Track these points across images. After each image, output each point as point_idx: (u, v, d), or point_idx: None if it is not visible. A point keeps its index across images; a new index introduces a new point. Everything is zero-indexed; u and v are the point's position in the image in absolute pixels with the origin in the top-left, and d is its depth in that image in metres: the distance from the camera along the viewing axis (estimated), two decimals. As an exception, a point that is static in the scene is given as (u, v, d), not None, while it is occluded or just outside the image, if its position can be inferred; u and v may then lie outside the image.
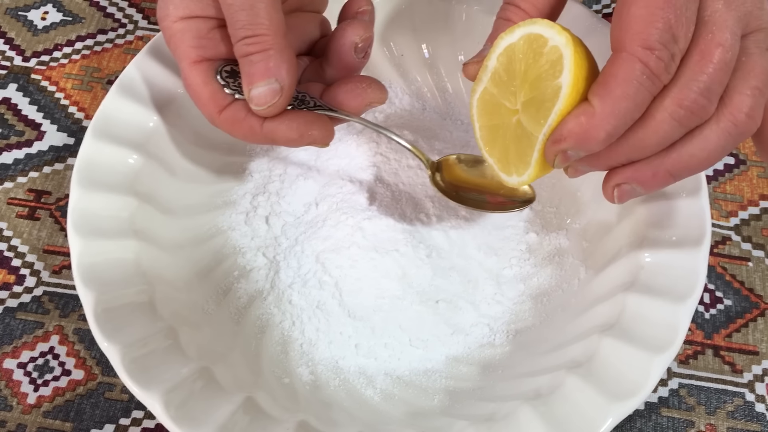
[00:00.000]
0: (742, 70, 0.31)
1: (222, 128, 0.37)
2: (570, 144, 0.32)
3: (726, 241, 0.49)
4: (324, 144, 0.38)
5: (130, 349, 0.35)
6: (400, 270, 0.42)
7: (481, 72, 0.34)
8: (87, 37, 0.55)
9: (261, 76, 0.35)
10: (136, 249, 0.39)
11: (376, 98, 0.39)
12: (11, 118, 0.52)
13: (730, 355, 0.45)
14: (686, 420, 0.43)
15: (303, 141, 0.37)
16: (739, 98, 0.31)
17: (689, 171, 0.32)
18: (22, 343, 0.44)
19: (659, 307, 0.37)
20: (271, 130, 0.36)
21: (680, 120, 0.30)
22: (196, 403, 0.35)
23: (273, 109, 0.36)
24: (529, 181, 0.35)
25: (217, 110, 0.37)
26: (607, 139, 0.31)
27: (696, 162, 0.32)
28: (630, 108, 0.30)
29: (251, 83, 0.35)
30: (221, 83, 0.37)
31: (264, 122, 0.36)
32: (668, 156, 0.32)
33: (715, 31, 0.30)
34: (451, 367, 0.41)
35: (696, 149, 0.31)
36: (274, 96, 0.35)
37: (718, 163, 0.51)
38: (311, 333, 0.42)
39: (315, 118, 0.37)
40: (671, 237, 0.39)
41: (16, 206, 0.49)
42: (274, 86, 0.35)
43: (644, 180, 0.33)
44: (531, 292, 0.44)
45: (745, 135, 0.31)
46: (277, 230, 0.45)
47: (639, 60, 0.30)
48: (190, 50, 0.36)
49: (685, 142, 0.31)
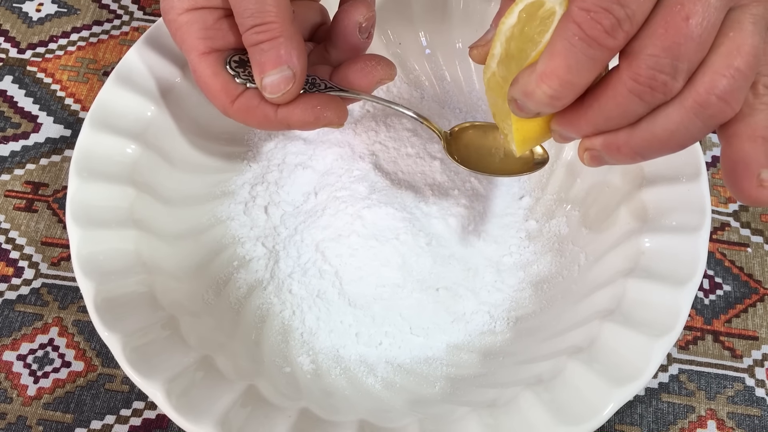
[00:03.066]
0: (727, 46, 0.28)
1: (236, 118, 0.37)
2: (517, 93, 0.30)
3: (725, 227, 0.49)
4: (339, 124, 0.38)
5: (131, 339, 0.35)
6: (400, 258, 0.42)
7: (489, 59, 0.34)
8: (82, 29, 0.55)
9: (273, 64, 0.35)
10: (135, 239, 0.39)
11: (386, 75, 0.39)
12: (7, 110, 0.52)
13: (730, 341, 0.45)
14: (686, 405, 0.43)
15: (319, 123, 0.37)
16: (712, 77, 0.28)
17: (654, 151, 0.30)
18: (22, 336, 0.44)
19: (660, 292, 0.37)
20: (286, 116, 0.36)
21: (639, 95, 0.28)
22: (198, 391, 0.34)
23: (287, 96, 0.36)
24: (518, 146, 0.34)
25: (229, 101, 0.37)
26: (550, 100, 0.29)
27: (659, 142, 0.30)
28: (568, 71, 0.28)
29: (263, 72, 0.35)
30: (231, 73, 0.36)
31: (278, 108, 0.36)
32: (634, 131, 0.30)
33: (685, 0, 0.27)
34: (451, 354, 0.41)
35: (658, 128, 0.29)
36: (288, 83, 0.35)
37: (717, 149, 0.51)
38: (312, 322, 0.42)
39: (328, 100, 0.37)
40: (671, 222, 0.39)
41: (14, 198, 0.48)
42: (287, 73, 0.35)
43: (611, 151, 0.31)
44: (531, 279, 0.44)
45: (717, 119, 0.28)
46: (276, 220, 0.45)
47: (572, 21, 0.28)
48: (197, 42, 0.36)
49: (649, 119, 0.30)
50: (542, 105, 0.30)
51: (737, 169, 0.29)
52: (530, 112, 0.30)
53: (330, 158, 0.46)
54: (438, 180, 0.45)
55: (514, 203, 0.46)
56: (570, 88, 0.29)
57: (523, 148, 0.34)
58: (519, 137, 0.33)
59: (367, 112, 0.48)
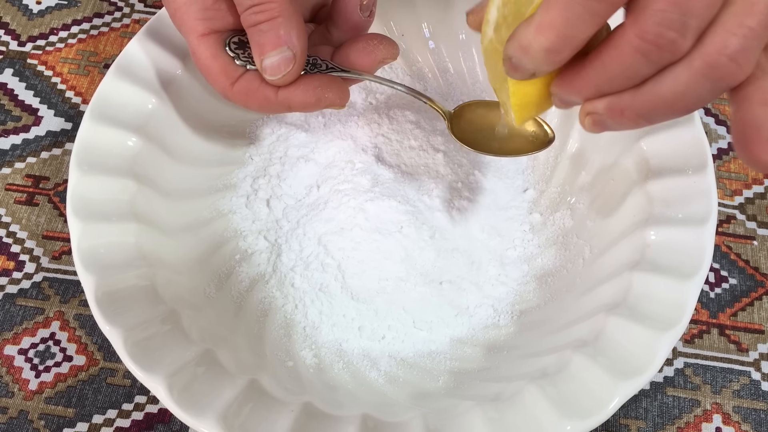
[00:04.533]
0: (739, 4, 0.26)
1: (236, 101, 0.37)
2: (512, 49, 0.28)
3: (731, 219, 0.48)
4: (341, 105, 0.37)
5: (133, 333, 0.35)
6: (403, 251, 0.42)
7: (485, 25, 0.32)
8: (83, 21, 0.54)
9: (272, 45, 0.34)
10: (136, 232, 0.39)
11: (389, 54, 0.38)
12: (8, 103, 0.51)
13: (736, 334, 0.45)
14: (692, 399, 0.43)
15: (320, 104, 0.36)
16: (723, 36, 0.26)
17: (660, 114, 0.29)
18: (23, 330, 0.44)
19: (666, 285, 0.37)
20: (287, 98, 0.36)
21: (645, 54, 0.27)
22: (200, 386, 0.34)
23: (287, 77, 0.35)
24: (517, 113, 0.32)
25: (229, 83, 0.36)
26: (546, 55, 0.28)
27: (664, 104, 0.28)
28: (566, 23, 0.27)
29: (263, 53, 0.34)
30: (231, 55, 0.36)
31: (279, 90, 0.36)
32: (638, 93, 0.28)
33: None
34: (455, 348, 0.41)
35: (664, 90, 0.28)
36: (288, 64, 0.35)
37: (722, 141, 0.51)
38: (314, 316, 0.42)
39: (329, 81, 0.36)
40: (677, 215, 0.39)
41: (15, 192, 0.48)
42: (287, 54, 0.34)
43: (614, 115, 0.29)
44: (535, 273, 0.43)
45: (727, 81, 0.27)
46: (279, 213, 0.44)
47: None
48: (196, 23, 0.36)
49: (655, 81, 0.28)
50: (538, 60, 0.28)
51: (747, 133, 0.28)
52: (526, 72, 0.29)
53: (332, 151, 0.45)
54: (441, 172, 0.45)
55: (518, 196, 0.46)
56: (568, 42, 0.27)
57: (522, 116, 0.33)
58: (516, 102, 0.32)
59: (370, 104, 0.48)
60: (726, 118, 0.52)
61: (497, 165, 0.46)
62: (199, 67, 0.36)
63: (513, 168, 0.46)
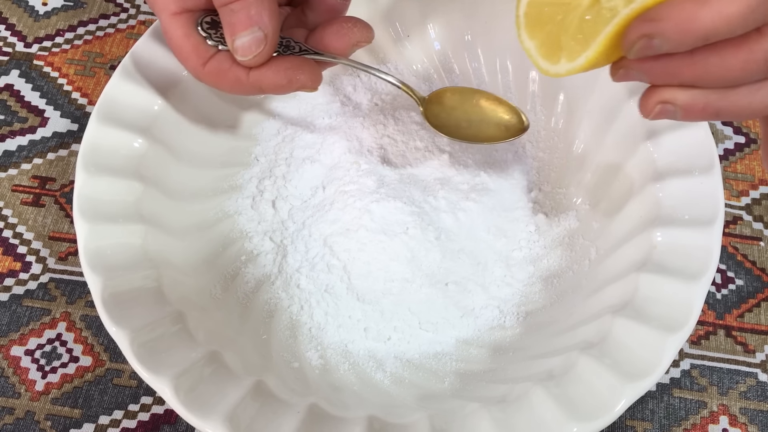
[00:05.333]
0: None
1: (206, 82, 0.36)
2: (663, 27, 0.27)
3: (737, 220, 0.48)
4: (313, 88, 0.37)
5: (139, 334, 0.35)
6: (409, 253, 0.42)
7: None
8: (89, 22, 0.55)
9: (243, 26, 0.34)
10: (142, 233, 0.39)
11: (363, 37, 0.38)
12: (14, 104, 0.51)
13: (742, 335, 0.45)
14: (698, 401, 0.43)
15: (292, 86, 0.36)
16: None
17: (738, 116, 0.30)
18: (29, 330, 0.44)
19: (672, 286, 0.36)
20: (258, 79, 0.35)
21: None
22: (206, 387, 0.34)
23: (259, 58, 0.35)
24: (580, 69, 0.31)
25: (200, 63, 0.35)
26: (704, 38, 0.27)
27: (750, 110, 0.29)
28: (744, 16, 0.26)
29: (234, 33, 0.34)
30: (203, 35, 0.36)
31: (250, 71, 0.35)
32: (729, 95, 0.29)
33: None
34: (461, 349, 0.41)
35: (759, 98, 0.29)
36: (259, 45, 0.34)
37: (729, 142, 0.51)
38: (320, 317, 0.42)
39: (302, 62, 0.36)
40: (684, 216, 0.39)
41: (21, 193, 0.48)
42: (258, 35, 0.34)
43: (693, 109, 0.29)
44: (541, 274, 0.43)
45: None
46: (284, 214, 0.44)
47: None
48: (169, 2, 0.35)
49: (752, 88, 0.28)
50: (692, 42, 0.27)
51: None
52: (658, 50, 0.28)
53: (338, 152, 0.45)
54: (447, 173, 0.45)
55: (524, 197, 0.46)
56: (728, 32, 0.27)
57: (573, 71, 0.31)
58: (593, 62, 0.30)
59: (375, 105, 0.48)
60: (732, 118, 0.52)
61: (503, 166, 0.46)
62: (171, 47, 0.36)
63: (518, 169, 0.46)
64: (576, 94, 0.45)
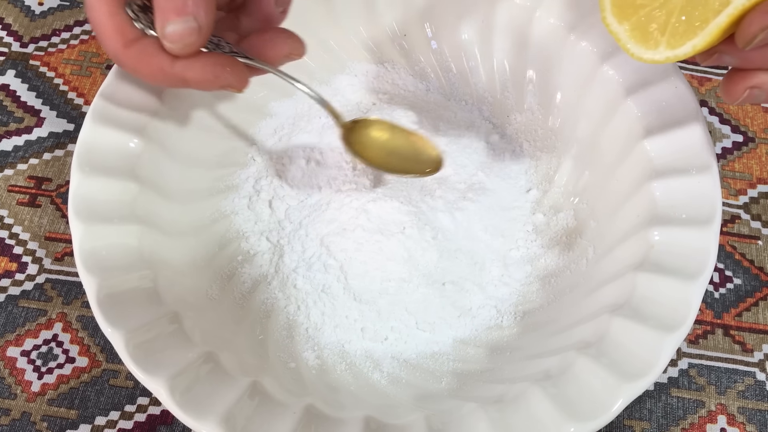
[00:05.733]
0: None
1: (126, 65, 0.35)
2: None
3: (735, 219, 0.48)
4: (239, 89, 0.35)
5: (134, 335, 0.35)
6: (406, 252, 0.42)
7: None
8: (85, 22, 0.54)
9: (177, 13, 0.33)
10: (138, 234, 0.38)
11: (295, 50, 0.37)
12: (10, 104, 0.51)
13: (740, 335, 0.45)
14: (696, 400, 0.43)
15: (216, 83, 0.35)
16: None
17: None
18: (26, 331, 0.44)
19: (670, 285, 0.36)
20: (183, 70, 0.34)
21: None
22: (202, 388, 0.34)
23: (188, 48, 0.33)
24: (684, 56, 0.30)
25: (122, 44, 0.34)
26: None
27: None
28: None
29: (166, 19, 0.33)
30: (131, 17, 0.34)
31: (175, 61, 0.34)
32: None
33: None
34: (458, 349, 0.41)
35: None
36: (191, 35, 0.33)
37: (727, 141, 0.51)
38: (317, 317, 0.41)
39: (230, 61, 0.35)
40: (681, 215, 0.38)
41: (17, 193, 0.48)
42: (192, 24, 0.33)
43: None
44: (538, 273, 0.43)
45: None
46: (281, 214, 0.44)
47: None
48: None
49: None
50: None
51: None
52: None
53: (334, 152, 0.45)
54: (444, 173, 0.45)
55: (521, 196, 0.45)
56: None
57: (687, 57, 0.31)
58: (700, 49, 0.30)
59: (373, 104, 0.48)
60: (730, 117, 0.51)
61: (500, 165, 0.46)
62: (93, 24, 0.34)
63: (516, 168, 0.46)
64: (573, 93, 0.45)
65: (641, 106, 0.42)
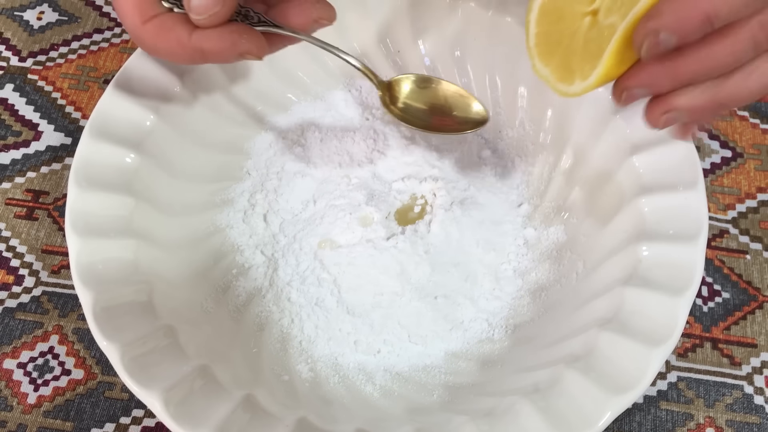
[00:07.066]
0: None
1: (144, 41, 0.35)
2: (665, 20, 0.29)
3: (724, 234, 0.49)
4: (258, 56, 0.35)
5: (130, 348, 0.35)
6: (398, 266, 0.42)
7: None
8: (83, 37, 0.55)
9: None
10: (134, 248, 0.39)
11: (325, 15, 0.37)
12: (8, 118, 0.52)
13: (729, 348, 0.45)
14: (685, 413, 0.43)
15: (234, 51, 0.34)
16: None
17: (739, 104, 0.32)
18: (22, 343, 0.44)
19: (657, 300, 0.37)
20: (201, 40, 0.34)
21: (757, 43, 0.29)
22: (196, 401, 0.35)
23: (214, 18, 0.33)
24: (596, 85, 0.32)
25: (140, 20, 0.34)
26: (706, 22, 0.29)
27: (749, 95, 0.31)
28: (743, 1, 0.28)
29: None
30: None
31: (193, 32, 0.34)
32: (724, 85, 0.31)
33: None
34: (450, 362, 0.42)
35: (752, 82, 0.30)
36: (216, 4, 0.33)
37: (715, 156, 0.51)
38: (310, 330, 0.42)
39: (247, 29, 0.35)
40: (669, 231, 0.39)
41: (14, 206, 0.49)
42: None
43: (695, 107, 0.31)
44: (529, 287, 0.44)
45: None
46: (275, 228, 0.45)
47: None
48: None
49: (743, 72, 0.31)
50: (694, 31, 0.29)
51: None
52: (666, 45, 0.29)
53: (328, 166, 0.46)
54: (436, 187, 0.45)
55: (513, 211, 0.46)
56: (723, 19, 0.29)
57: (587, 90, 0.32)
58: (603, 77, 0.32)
59: (366, 120, 0.48)
60: (719, 132, 0.52)
61: (492, 180, 0.47)
62: (114, 2, 0.35)
63: (507, 183, 0.47)
64: (563, 110, 0.45)
65: (630, 122, 0.42)
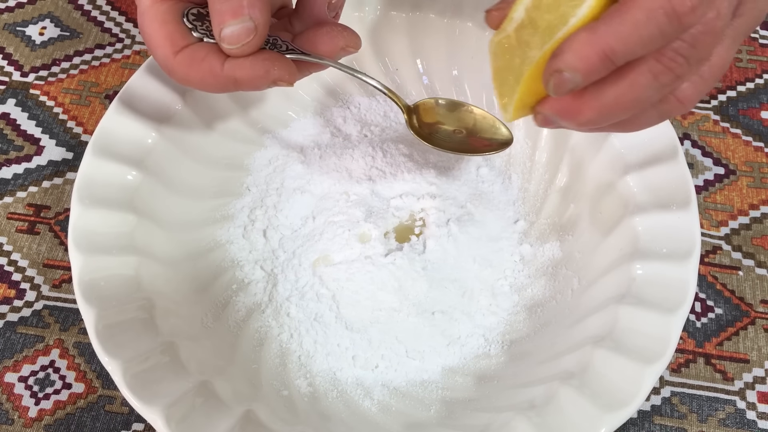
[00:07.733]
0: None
1: (176, 72, 0.35)
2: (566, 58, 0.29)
3: (717, 250, 0.49)
4: (290, 83, 0.36)
5: (132, 365, 0.36)
6: (396, 282, 0.43)
7: (507, 23, 0.32)
8: (85, 52, 0.56)
9: (234, 14, 0.33)
10: (136, 264, 0.40)
11: (352, 43, 0.38)
12: (10, 133, 0.52)
13: (722, 363, 0.46)
14: (678, 428, 0.44)
15: (267, 79, 0.35)
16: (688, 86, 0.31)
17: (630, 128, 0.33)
18: (23, 357, 0.45)
19: (650, 318, 0.38)
20: (233, 69, 0.34)
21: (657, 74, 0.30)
22: (197, 417, 0.35)
23: (246, 48, 0.34)
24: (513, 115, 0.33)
25: (172, 51, 0.34)
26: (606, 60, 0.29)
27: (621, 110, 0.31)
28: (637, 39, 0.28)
29: (223, 22, 0.33)
30: (188, 26, 0.35)
31: (226, 61, 0.34)
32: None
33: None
34: (447, 377, 0.42)
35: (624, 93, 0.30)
36: (248, 35, 0.33)
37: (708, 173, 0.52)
38: (309, 345, 0.42)
39: (278, 56, 0.35)
40: (662, 249, 0.40)
41: (16, 221, 0.49)
42: (248, 24, 0.33)
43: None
44: (525, 303, 0.44)
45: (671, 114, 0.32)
46: (275, 243, 0.45)
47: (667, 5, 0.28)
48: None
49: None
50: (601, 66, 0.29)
51: None
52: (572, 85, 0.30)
53: (327, 183, 0.46)
54: (433, 204, 0.46)
55: (509, 227, 0.47)
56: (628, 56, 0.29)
57: (518, 116, 0.33)
58: (520, 105, 0.32)
59: (364, 137, 0.49)
60: (712, 150, 0.53)
61: (489, 197, 0.47)
62: (143, 34, 0.35)
63: (504, 200, 0.47)
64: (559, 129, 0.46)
65: (624, 142, 0.43)
